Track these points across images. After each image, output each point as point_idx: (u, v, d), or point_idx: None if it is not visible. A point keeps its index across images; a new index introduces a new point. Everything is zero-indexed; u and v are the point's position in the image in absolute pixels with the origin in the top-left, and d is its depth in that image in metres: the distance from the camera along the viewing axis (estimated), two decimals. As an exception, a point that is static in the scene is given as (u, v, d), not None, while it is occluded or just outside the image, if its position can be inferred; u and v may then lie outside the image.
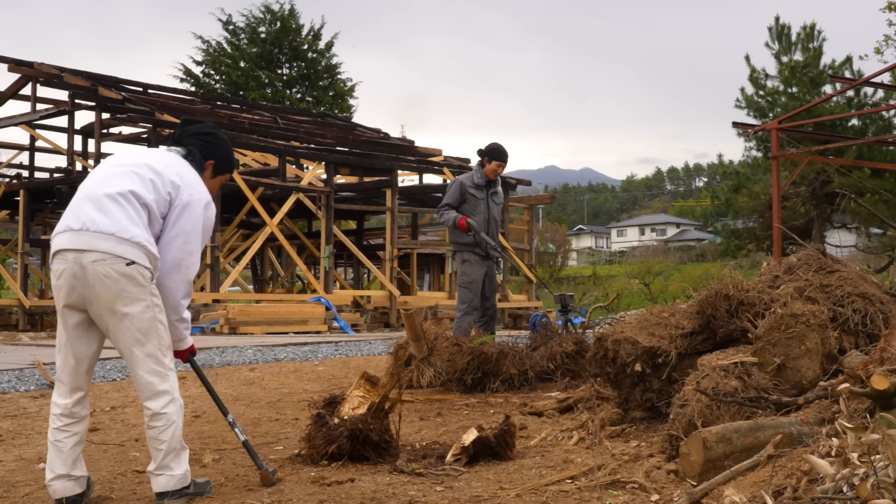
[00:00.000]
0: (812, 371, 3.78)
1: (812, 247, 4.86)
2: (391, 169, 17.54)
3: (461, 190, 7.48)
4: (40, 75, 17.47)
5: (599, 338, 4.57)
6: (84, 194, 3.35)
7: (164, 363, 3.33)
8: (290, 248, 17.69)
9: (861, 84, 16.37)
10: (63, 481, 3.32)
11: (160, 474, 3.32)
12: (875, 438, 2.35)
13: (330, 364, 8.19)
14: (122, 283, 3.21)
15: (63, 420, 3.34)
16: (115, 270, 3.19)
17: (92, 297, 3.23)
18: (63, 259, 3.24)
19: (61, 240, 3.27)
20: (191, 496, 3.39)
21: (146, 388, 3.31)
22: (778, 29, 21.85)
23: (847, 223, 22.74)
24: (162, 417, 3.30)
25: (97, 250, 3.20)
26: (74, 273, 3.22)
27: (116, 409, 5.67)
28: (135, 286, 3.23)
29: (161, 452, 3.30)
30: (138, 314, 3.25)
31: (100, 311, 3.25)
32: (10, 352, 9.72)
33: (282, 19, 34.32)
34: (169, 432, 3.31)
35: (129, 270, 3.21)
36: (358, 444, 3.89)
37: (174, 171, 3.41)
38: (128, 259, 3.21)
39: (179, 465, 3.34)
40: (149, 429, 3.32)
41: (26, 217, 17.28)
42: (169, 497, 3.32)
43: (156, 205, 3.33)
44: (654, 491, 3.17)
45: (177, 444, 3.34)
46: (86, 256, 3.20)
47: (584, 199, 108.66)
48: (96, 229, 3.22)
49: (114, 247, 3.21)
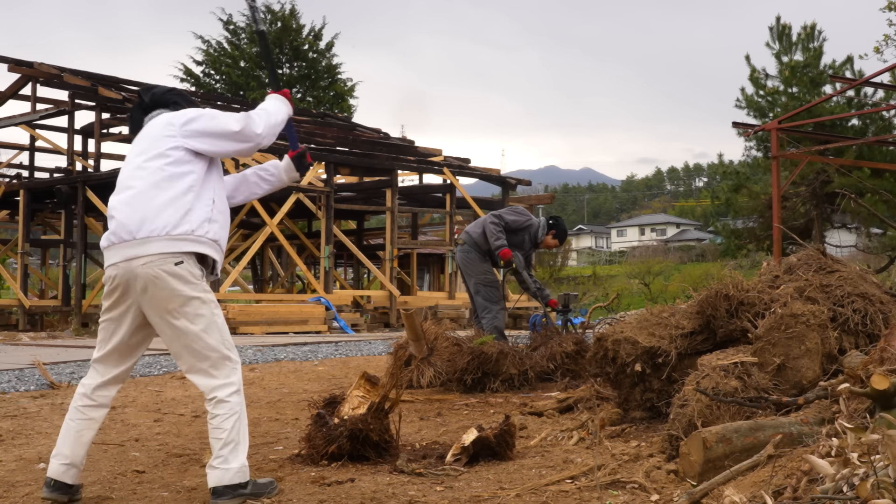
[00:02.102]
0: (812, 371, 3.78)
1: (812, 247, 4.86)
2: (391, 169, 17.54)
3: (529, 228, 7.47)
4: (40, 75, 17.47)
5: (599, 338, 4.57)
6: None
7: (231, 357, 3.30)
8: (290, 248, 17.69)
9: (861, 84, 16.37)
10: (60, 461, 3.30)
11: (216, 467, 3.20)
12: (875, 438, 2.35)
13: (330, 364, 8.20)
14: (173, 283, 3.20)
15: (83, 400, 3.34)
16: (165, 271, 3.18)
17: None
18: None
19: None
20: (247, 496, 3.25)
21: (204, 385, 3.26)
22: (779, 29, 21.84)
23: (847, 223, 22.71)
24: (225, 405, 3.23)
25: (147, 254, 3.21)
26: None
27: (116, 409, 5.68)
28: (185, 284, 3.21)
29: (220, 442, 3.20)
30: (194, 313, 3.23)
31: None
32: (10, 352, 9.73)
33: (283, 19, 34.33)
34: (231, 421, 3.22)
35: (179, 270, 3.20)
36: (358, 444, 3.88)
37: (164, 121, 3.38)
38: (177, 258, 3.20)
39: (237, 458, 3.22)
40: (211, 418, 3.23)
41: (26, 217, 17.28)
42: (222, 496, 3.19)
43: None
44: (654, 491, 3.17)
45: (236, 437, 3.23)
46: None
47: (584, 199, 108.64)
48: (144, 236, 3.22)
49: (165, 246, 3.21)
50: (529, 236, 7.52)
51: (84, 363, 7.98)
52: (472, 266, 7.38)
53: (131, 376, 7.23)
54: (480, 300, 7.30)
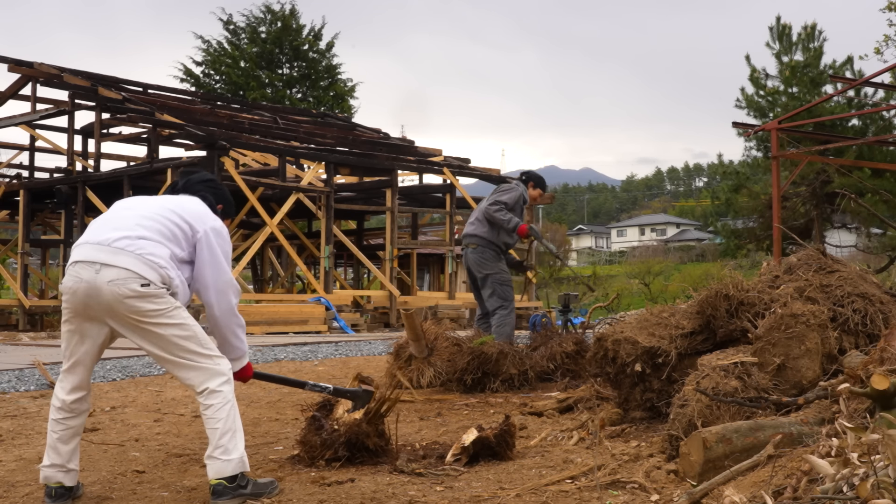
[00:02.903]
0: (812, 371, 3.78)
1: (812, 247, 4.86)
2: (391, 169, 17.54)
3: (521, 199, 7.46)
4: (40, 75, 17.47)
5: (599, 338, 4.57)
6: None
7: (213, 352, 3.34)
8: (290, 248, 17.68)
9: (861, 84, 16.37)
10: (55, 469, 3.36)
11: (216, 458, 3.22)
12: (875, 438, 2.35)
13: (330, 364, 8.20)
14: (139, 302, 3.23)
15: (61, 413, 3.39)
16: (132, 290, 3.21)
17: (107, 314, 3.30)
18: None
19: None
20: (247, 496, 3.26)
21: (191, 379, 3.30)
22: (779, 29, 21.85)
23: (847, 223, 22.71)
24: (218, 395, 3.26)
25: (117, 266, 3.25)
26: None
27: (116, 409, 5.68)
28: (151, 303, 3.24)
29: (217, 432, 3.23)
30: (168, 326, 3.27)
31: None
32: (10, 352, 9.73)
33: (283, 19, 34.33)
34: (225, 410, 3.25)
35: (144, 291, 3.22)
36: (354, 450, 3.89)
37: (188, 210, 3.49)
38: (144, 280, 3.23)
39: (236, 447, 3.25)
40: (205, 409, 3.26)
41: (26, 217, 17.29)
42: (222, 496, 3.20)
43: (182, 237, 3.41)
44: (654, 491, 3.17)
45: (233, 425, 3.26)
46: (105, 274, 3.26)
47: (584, 199, 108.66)
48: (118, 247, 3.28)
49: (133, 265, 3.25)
50: (524, 202, 7.55)
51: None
52: (488, 265, 7.26)
53: (131, 376, 7.24)
54: (496, 300, 7.19)
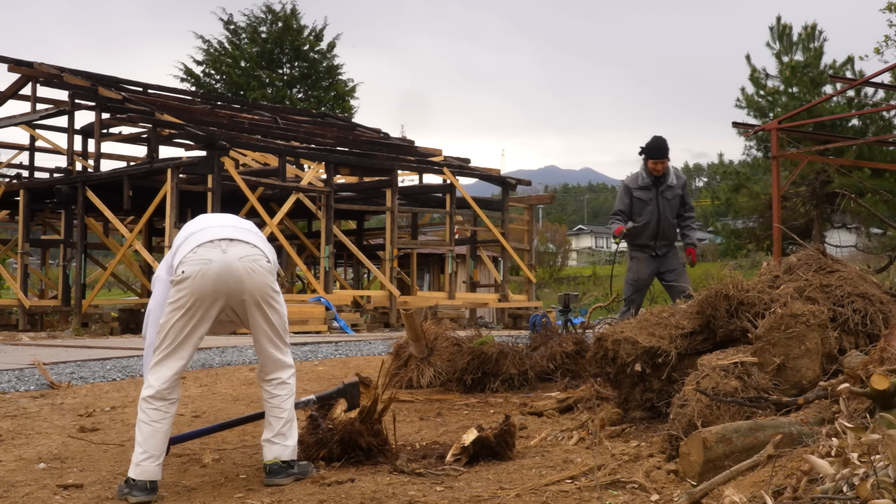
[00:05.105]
0: (812, 371, 3.78)
1: (812, 247, 4.85)
2: (391, 169, 17.53)
3: (627, 194, 7.24)
4: (40, 75, 17.46)
5: (599, 338, 4.57)
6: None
7: (287, 342, 3.73)
8: (290, 248, 17.68)
9: (861, 84, 16.37)
10: (153, 462, 3.43)
11: (276, 442, 3.57)
12: (875, 438, 2.35)
13: (330, 364, 8.19)
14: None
15: (159, 403, 3.48)
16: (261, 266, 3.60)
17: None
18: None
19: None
20: (296, 475, 3.59)
21: (277, 362, 3.65)
22: (779, 29, 21.85)
23: (847, 223, 22.72)
24: (287, 386, 3.66)
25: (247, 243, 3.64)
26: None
27: (116, 409, 5.67)
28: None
29: (282, 420, 3.59)
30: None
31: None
32: (10, 352, 9.73)
33: (284, 19, 34.31)
34: (290, 401, 3.66)
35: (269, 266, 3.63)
36: (348, 448, 3.92)
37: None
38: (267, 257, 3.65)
39: (293, 436, 3.64)
40: (273, 397, 3.63)
41: (26, 217, 17.28)
42: (278, 475, 3.51)
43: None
44: (654, 491, 3.17)
45: (293, 416, 3.67)
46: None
47: (584, 199, 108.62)
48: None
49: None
50: (638, 188, 7.20)
51: (84, 363, 7.98)
52: (628, 261, 7.29)
53: (131, 376, 7.23)
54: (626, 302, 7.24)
